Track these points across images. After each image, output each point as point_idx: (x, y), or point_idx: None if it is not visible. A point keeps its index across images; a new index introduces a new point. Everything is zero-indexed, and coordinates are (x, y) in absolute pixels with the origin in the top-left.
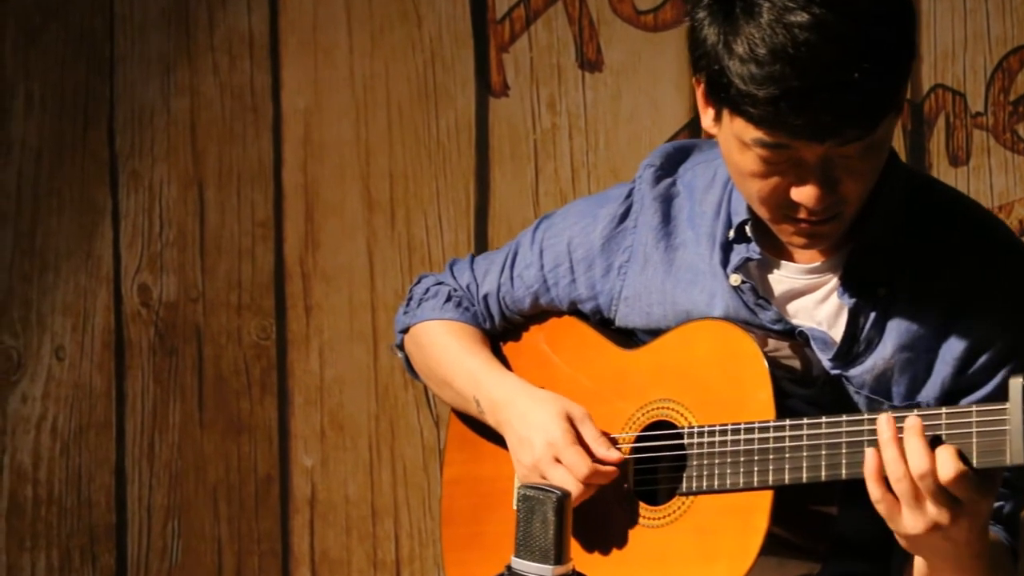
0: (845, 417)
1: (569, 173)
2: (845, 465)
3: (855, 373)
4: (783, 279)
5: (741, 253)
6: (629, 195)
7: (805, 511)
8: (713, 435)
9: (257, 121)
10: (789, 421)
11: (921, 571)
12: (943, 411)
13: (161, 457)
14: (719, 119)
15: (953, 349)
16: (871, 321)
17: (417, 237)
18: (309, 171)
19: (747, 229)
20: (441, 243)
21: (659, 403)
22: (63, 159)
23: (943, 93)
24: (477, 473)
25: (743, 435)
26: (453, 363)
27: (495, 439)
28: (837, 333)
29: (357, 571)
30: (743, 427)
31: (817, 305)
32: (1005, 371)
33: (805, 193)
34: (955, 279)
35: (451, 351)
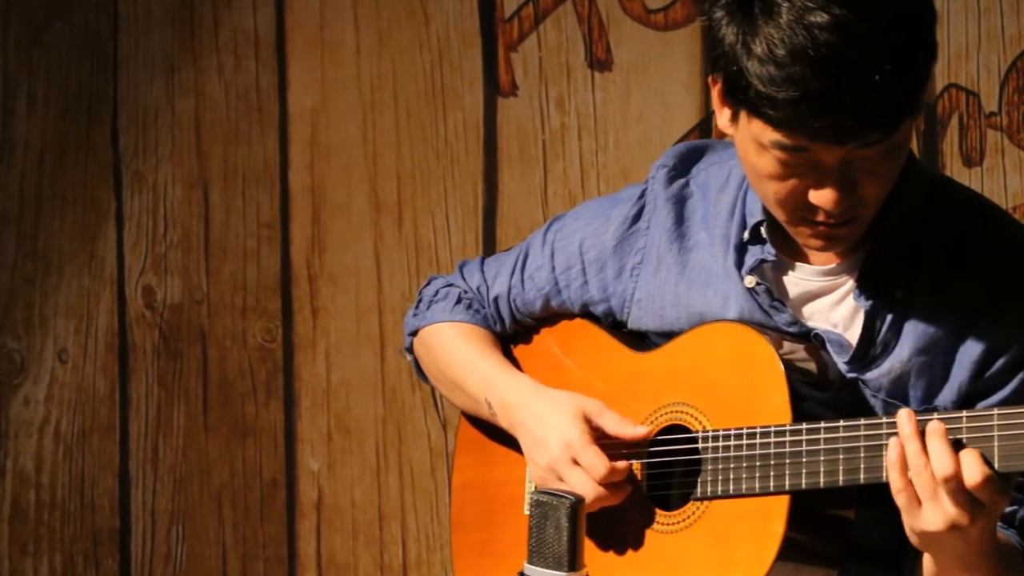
0: (863, 421)
1: (578, 174)
2: (863, 470)
3: (871, 376)
4: (798, 281)
5: (756, 255)
6: (642, 196)
7: (822, 516)
8: (728, 439)
9: (263, 121)
10: (806, 425)
11: (930, 571)
12: (963, 415)
13: (165, 461)
14: (736, 120)
15: (971, 352)
16: (888, 324)
17: (425, 238)
18: (316, 172)
19: (762, 230)
20: (449, 244)
21: (673, 407)
22: (66, 160)
23: (957, 93)
24: (487, 477)
25: (759, 439)
26: (464, 365)
27: (505, 443)
28: (853, 336)
29: None
30: (759, 431)
31: (833, 307)
32: (1023, 374)
33: (823, 196)
34: (972, 280)
35: (462, 353)
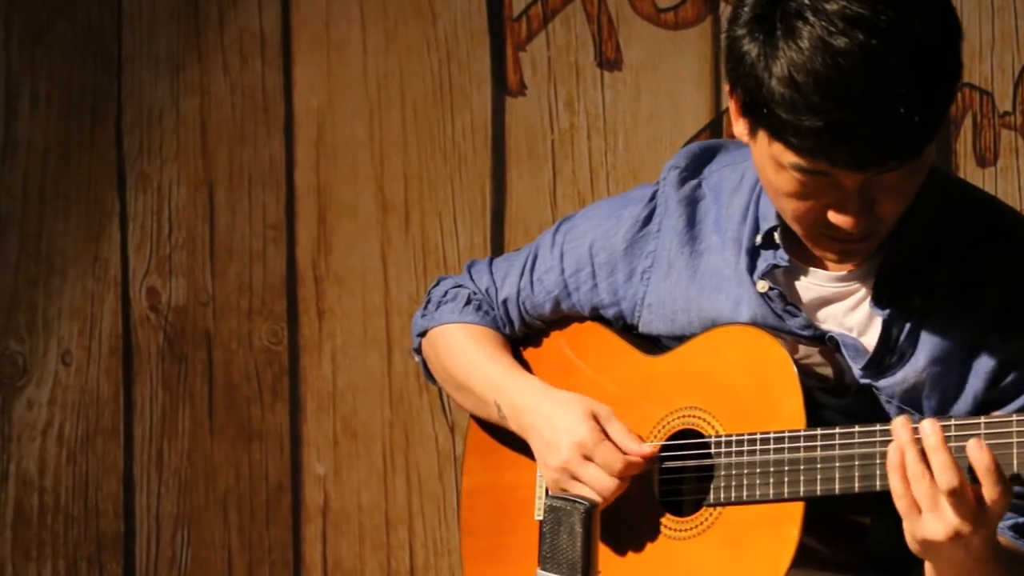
0: (879, 427)
1: (587, 174)
2: (879, 476)
3: (885, 384)
4: (811, 286)
5: (768, 260)
6: (653, 197)
7: (837, 523)
8: (742, 444)
9: (268, 121)
10: (820, 431)
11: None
12: (982, 420)
13: (170, 465)
14: (754, 135)
15: (986, 362)
16: (905, 333)
17: (432, 240)
18: (322, 172)
19: (776, 236)
20: (456, 246)
21: (685, 411)
22: (70, 160)
23: (970, 92)
24: (497, 482)
25: (773, 445)
26: (473, 368)
27: (515, 446)
28: (868, 341)
29: None
30: (772, 436)
31: (847, 313)
32: None
33: (843, 217)
34: (988, 286)
35: (471, 355)
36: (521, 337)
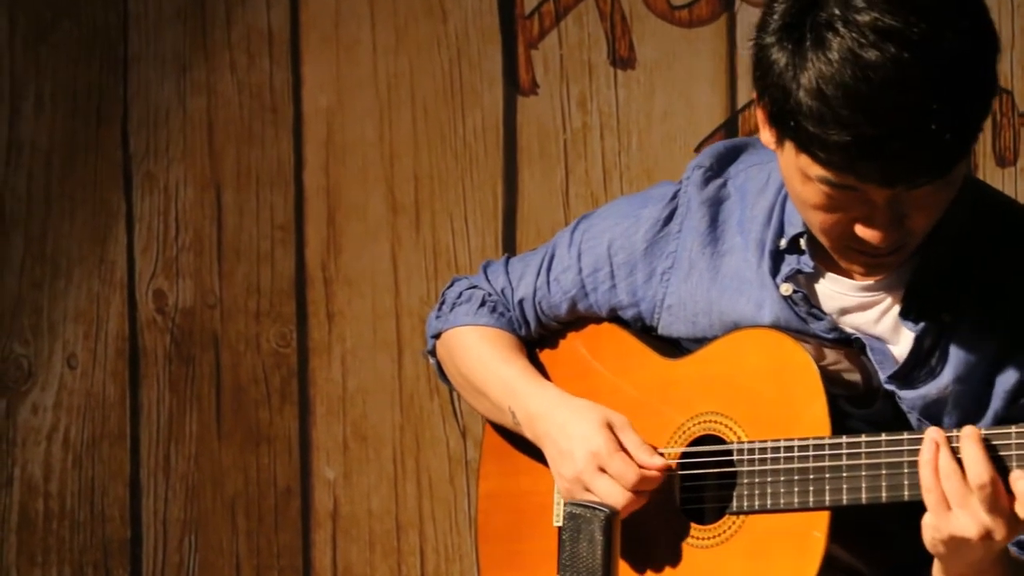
0: (907, 435)
1: (600, 174)
2: (907, 486)
3: (907, 395)
4: (834, 295)
5: (792, 264)
6: (674, 197)
7: (864, 532)
8: (765, 452)
9: (276, 121)
10: (846, 439)
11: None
12: (1012, 430)
13: (177, 469)
14: (781, 145)
15: (1008, 380)
16: (935, 348)
17: (443, 241)
18: (331, 173)
19: (802, 242)
20: (468, 247)
21: (706, 416)
22: (75, 161)
23: None
24: (514, 487)
25: (797, 452)
26: (487, 372)
27: (532, 452)
28: (897, 351)
29: None
30: (796, 444)
31: (873, 324)
32: None
33: (871, 232)
34: (1013, 302)
35: (485, 359)
36: (537, 338)
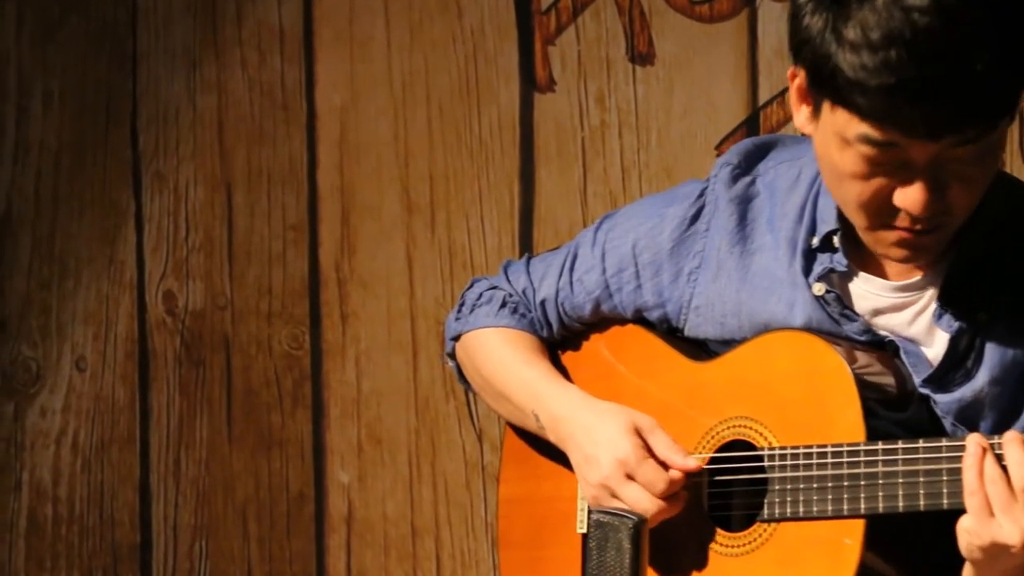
0: (945, 441)
1: (619, 173)
2: (947, 495)
3: (943, 399)
4: (868, 295)
5: (825, 263)
6: (701, 195)
7: (900, 542)
8: (797, 457)
9: (288, 119)
10: (882, 445)
11: None
12: None
13: (188, 474)
14: (818, 113)
15: None
16: (970, 350)
17: (458, 241)
18: (345, 172)
19: (835, 239)
20: (484, 247)
21: (735, 421)
22: (84, 160)
23: None
24: (536, 492)
25: (830, 459)
26: (509, 374)
27: (554, 455)
28: (931, 354)
29: None
30: (830, 450)
31: (907, 325)
32: None
33: (911, 198)
34: None
35: (507, 361)
36: (559, 340)
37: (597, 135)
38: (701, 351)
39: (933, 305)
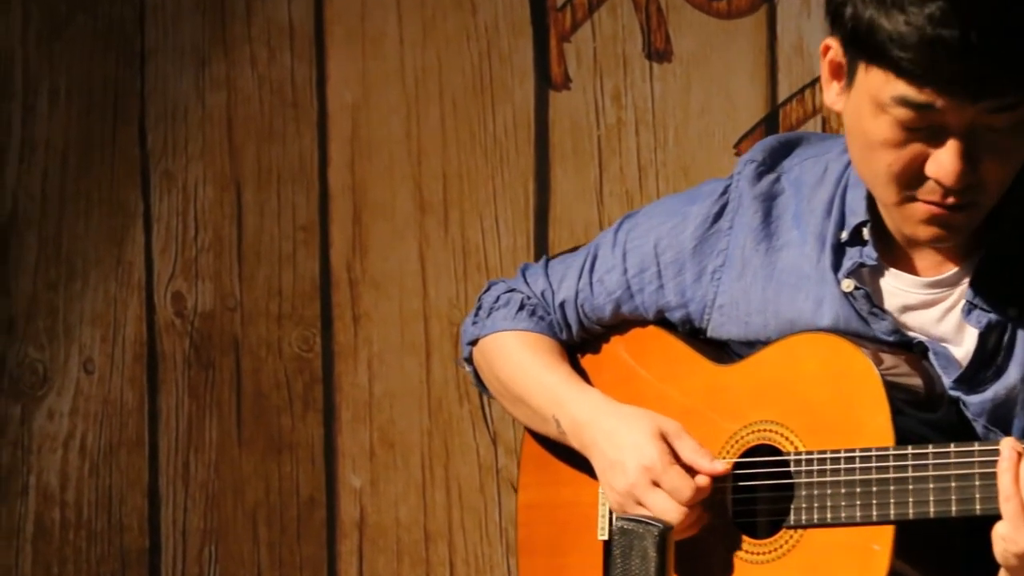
0: (977, 445)
1: (636, 171)
2: (979, 499)
3: (975, 400)
4: (897, 291)
5: (855, 257)
6: (724, 192)
7: (930, 548)
8: (824, 462)
9: (298, 117)
10: (912, 449)
11: None
12: None
13: (197, 477)
14: (852, 81)
15: None
16: (1001, 345)
17: (472, 241)
18: (356, 171)
19: (865, 232)
20: (498, 247)
21: (760, 425)
22: (91, 159)
23: None
24: (556, 498)
25: (859, 463)
26: (529, 379)
27: (575, 461)
28: (959, 353)
29: None
30: (858, 454)
31: (936, 322)
32: None
33: (944, 166)
34: None
35: (526, 365)
36: (578, 343)
37: (613, 133)
38: (723, 353)
39: (962, 301)
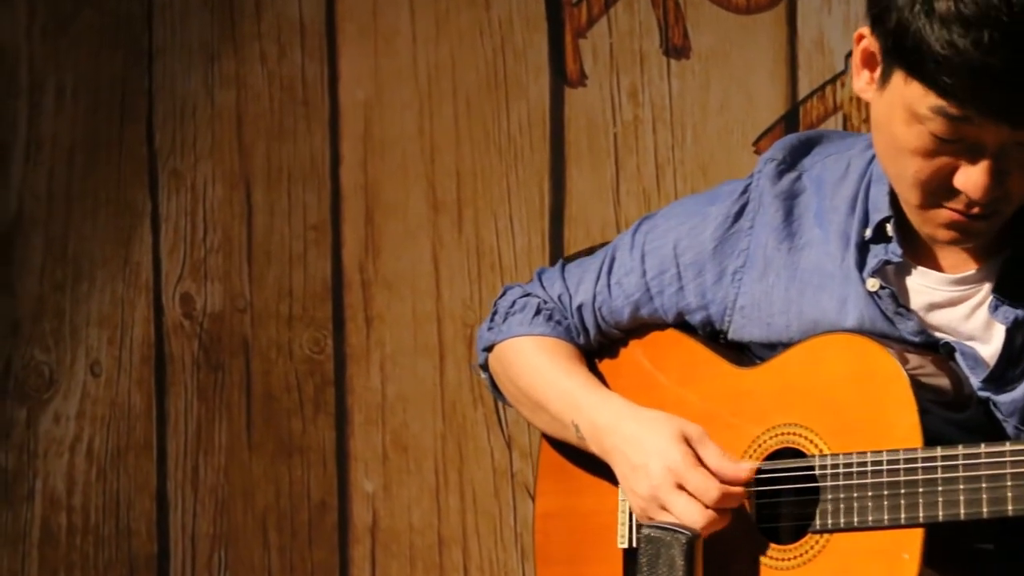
0: (1008, 445)
1: (653, 170)
2: (1011, 499)
3: (1005, 399)
4: (923, 289)
5: (880, 255)
6: (745, 191)
7: (960, 552)
8: (851, 465)
9: (309, 115)
10: (941, 450)
11: None
12: None
13: (206, 482)
14: (886, 82)
15: None
16: None
17: (486, 241)
18: (368, 169)
19: (888, 228)
20: (513, 247)
21: (783, 428)
22: (98, 158)
23: None
24: (575, 506)
25: (886, 466)
26: (547, 384)
27: (593, 468)
28: (987, 352)
29: None
30: (886, 457)
31: (962, 320)
32: None
33: (973, 181)
34: None
35: (544, 371)
36: (595, 348)
37: (630, 131)
38: (744, 356)
39: (989, 298)
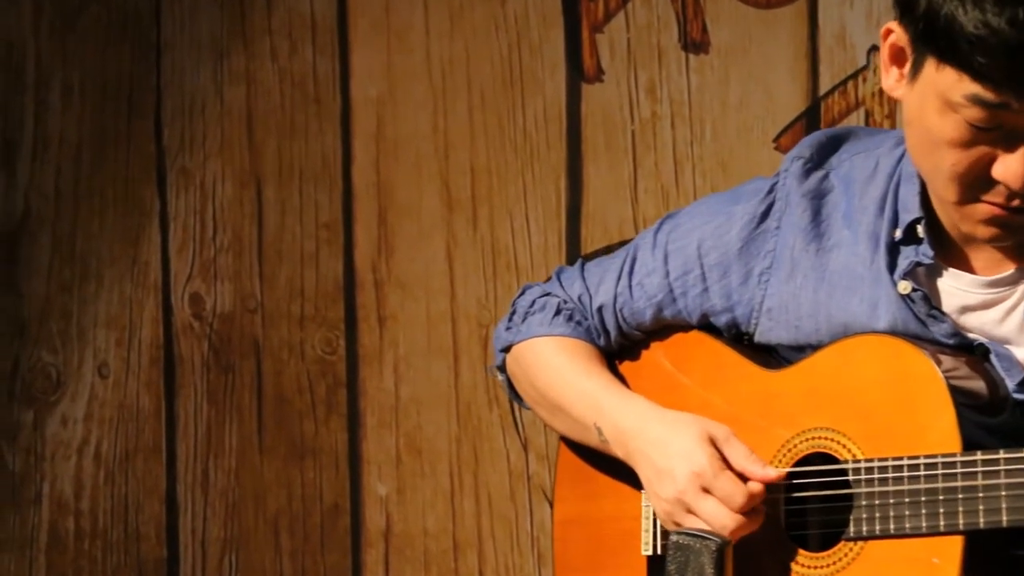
0: None
1: (671, 167)
2: None
3: None
4: (955, 291)
5: (910, 256)
6: (771, 191)
7: (1002, 560)
8: (886, 471)
9: (321, 112)
10: (981, 455)
11: None
12: None
13: (216, 485)
14: (916, 74)
15: None
16: None
17: (502, 240)
18: (381, 168)
19: (919, 229)
20: (528, 246)
21: (814, 432)
22: (105, 155)
23: None
24: (595, 512)
25: (923, 471)
26: (567, 386)
27: (614, 472)
28: (1022, 355)
29: None
30: (923, 462)
31: (996, 324)
32: None
33: (1014, 170)
34: None
35: (564, 372)
36: (616, 349)
37: (648, 127)
38: (770, 359)
39: None
